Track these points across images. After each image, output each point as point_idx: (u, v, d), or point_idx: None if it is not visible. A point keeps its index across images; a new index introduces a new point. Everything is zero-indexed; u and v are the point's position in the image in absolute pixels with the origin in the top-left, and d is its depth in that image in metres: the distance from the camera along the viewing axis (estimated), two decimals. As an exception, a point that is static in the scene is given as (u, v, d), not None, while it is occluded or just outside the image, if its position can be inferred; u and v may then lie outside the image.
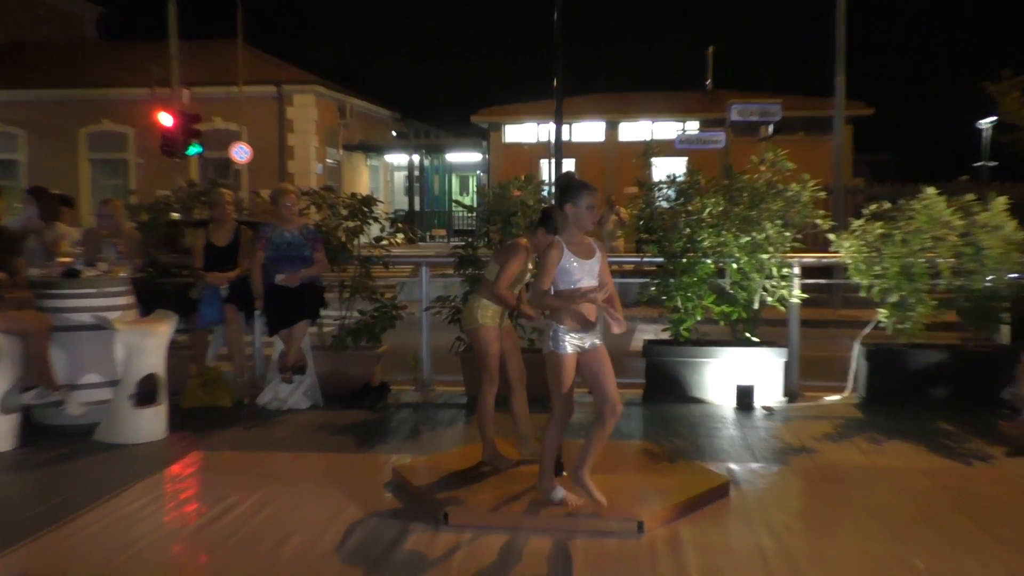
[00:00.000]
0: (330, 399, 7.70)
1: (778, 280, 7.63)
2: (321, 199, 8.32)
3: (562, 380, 4.55)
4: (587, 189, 4.51)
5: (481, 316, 5.47)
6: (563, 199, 4.53)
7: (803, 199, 7.54)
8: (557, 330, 4.53)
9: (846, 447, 6.32)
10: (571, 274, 4.48)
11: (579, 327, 4.54)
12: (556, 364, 4.54)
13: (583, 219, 4.50)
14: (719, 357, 7.72)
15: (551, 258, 4.48)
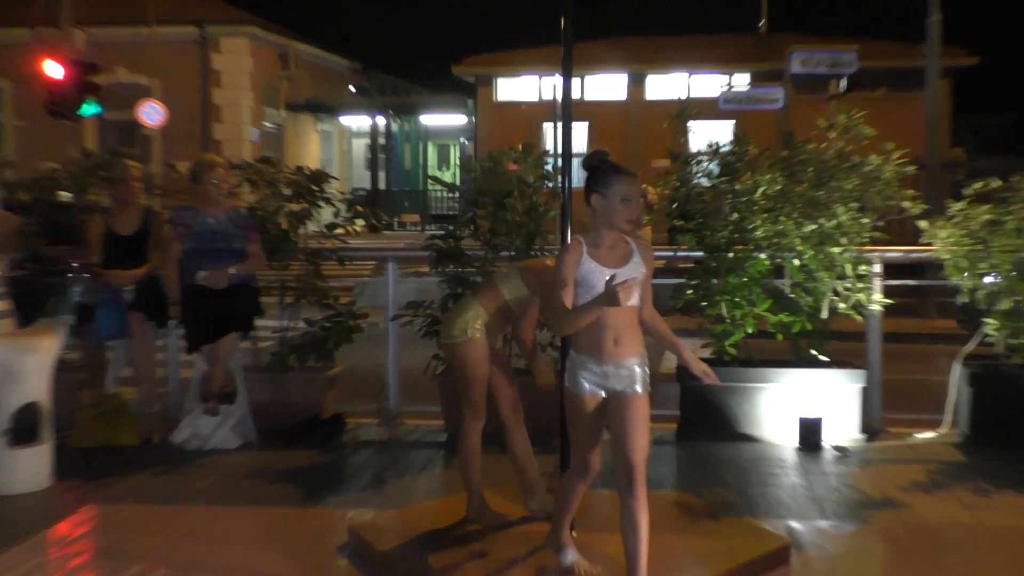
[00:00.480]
0: (267, 436, 7.69)
1: (853, 281, 7.64)
2: (257, 174, 8.32)
3: (577, 426, 4.48)
4: (620, 175, 4.37)
5: (470, 329, 5.48)
6: (589, 188, 4.41)
7: (886, 175, 7.56)
8: (574, 362, 4.44)
9: (943, 500, 6.31)
10: (593, 286, 4.30)
11: (599, 358, 4.37)
12: (570, 405, 4.49)
13: (614, 215, 4.34)
14: (776, 381, 7.72)
15: (566, 263, 4.31)
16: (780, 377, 7.73)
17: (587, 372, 4.39)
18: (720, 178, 7.97)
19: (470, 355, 5.49)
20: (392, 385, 8.38)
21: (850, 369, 7.77)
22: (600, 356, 4.36)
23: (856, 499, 6.33)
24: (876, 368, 8.01)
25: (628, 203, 4.34)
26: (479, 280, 8.00)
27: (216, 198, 7.53)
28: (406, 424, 8.32)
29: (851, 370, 7.75)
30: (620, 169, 4.39)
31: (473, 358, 5.49)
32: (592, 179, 4.41)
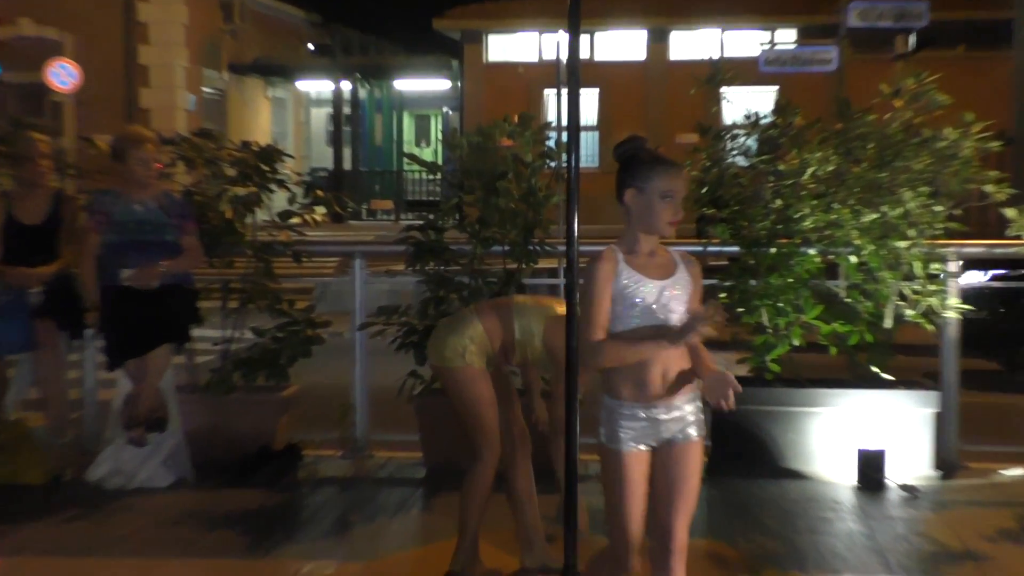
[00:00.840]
0: (206, 471, 7.68)
1: (924, 282, 7.65)
2: (194, 151, 8.31)
3: (617, 494, 4.26)
4: (662, 166, 4.29)
5: (468, 353, 5.52)
6: (622, 182, 4.33)
7: (963, 153, 7.57)
8: (611, 409, 4.28)
9: (1037, 551, 6.31)
10: (634, 302, 4.23)
11: (645, 401, 4.26)
12: (607, 466, 4.30)
13: (654, 216, 4.25)
14: (829, 405, 7.72)
15: (598, 276, 4.19)
16: (834, 400, 7.73)
17: (630, 421, 4.24)
18: (760, 157, 7.98)
19: (467, 380, 5.53)
20: (359, 409, 8.37)
21: (920, 390, 7.77)
22: (647, 398, 4.24)
23: (929, 550, 6.32)
24: (952, 389, 8.00)
25: (671, 200, 4.25)
26: (466, 281, 8.00)
27: (143, 180, 7.52)
28: (376, 456, 8.31)
29: (921, 391, 7.75)
30: (661, 159, 4.32)
31: (472, 382, 5.54)
32: (626, 171, 4.33)
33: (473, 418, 5.57)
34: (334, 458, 8.25)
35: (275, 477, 7.63)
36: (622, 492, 4.26)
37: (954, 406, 7.98)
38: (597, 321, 4.18)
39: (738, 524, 6.73)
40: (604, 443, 4.27)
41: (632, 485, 4.25)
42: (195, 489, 7.48)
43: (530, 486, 5.80)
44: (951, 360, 8.03)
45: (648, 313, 4.22)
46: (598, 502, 6.88)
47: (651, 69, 31.97)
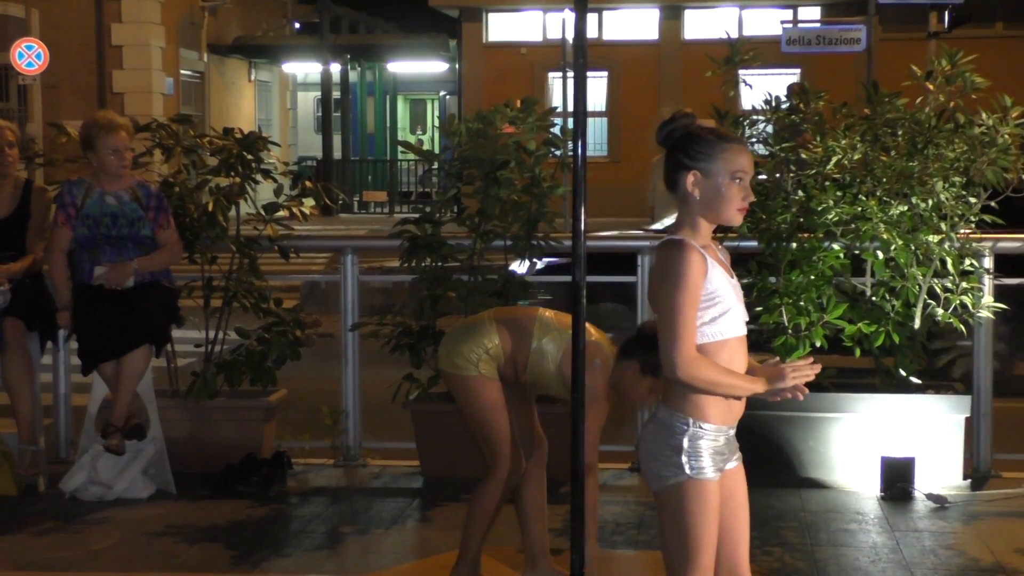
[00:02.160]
0: (188, 482, 7.72)
1: (956, 279, 7.69)
2: (172, 138, 8.34)
3: (700, 530, 4.03)
4: (728, 142, 4.06)
5: (482, 362, 5.55)
6: (677, 166, 4.07)
7: (1001, 140, 7.59)
8: (696, 435, 4.02)
9: (1074, 566, 6.36)
10: (726, 306, 4.02)
11: (730, 423, 4.12)
12: (690, 501, 4.02)
13: (725, 202, 4.01)
14: (853, 411, 7.77)
15: (692, 273, 3.91)
16: (858, 405, 7.77)
17: (715, 446, 4.05)
18: (781, 144, 8.01)
19: (479, 389, 5.58)
20: (351, 415, 8.40)
21: (951, 395, 7.81)
22: (732, 419, 4.10)
23: (959, 564, 6.38)
24: (986, 394, 8.03)
25: (741, 182, 4.02)
26: (464, 279, 8.04)
27: (116, 170, 7.54)
28: (369, 465, 8.35)
29: (952, 396, 7.79)
30: (725, 134, 4.10)
31: (484, 391, 5.58)
32: (683, 152, 4.06)
33: (483, 428, 5.61)
34: (325, 467, 8.29)
35: (262, 487, 7.65)
36: (707, 528, 4.02)
37: (987, 412, 8.01)
38: (692, 329, 3.92)
39: (756, 537, 6.75)
40: (691, 475, 3.98)
41: (714, 514, 4.05)
42: (177, 500, 7.52)
43: (541, 497, 5.84)
44: (984, 362, 8.06)
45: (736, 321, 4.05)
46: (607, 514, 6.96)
47: (664, 50, 31.95)
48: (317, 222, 21.14)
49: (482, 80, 31.80)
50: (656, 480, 4.03)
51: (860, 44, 20.01)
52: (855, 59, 21.84)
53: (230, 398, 8.16)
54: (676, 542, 4.03)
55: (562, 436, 5.50)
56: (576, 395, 5.22)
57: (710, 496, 4.01)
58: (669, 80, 31.09)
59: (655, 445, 4.03)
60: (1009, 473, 8.01)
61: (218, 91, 31.82)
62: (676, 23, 32.13)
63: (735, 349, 4.03)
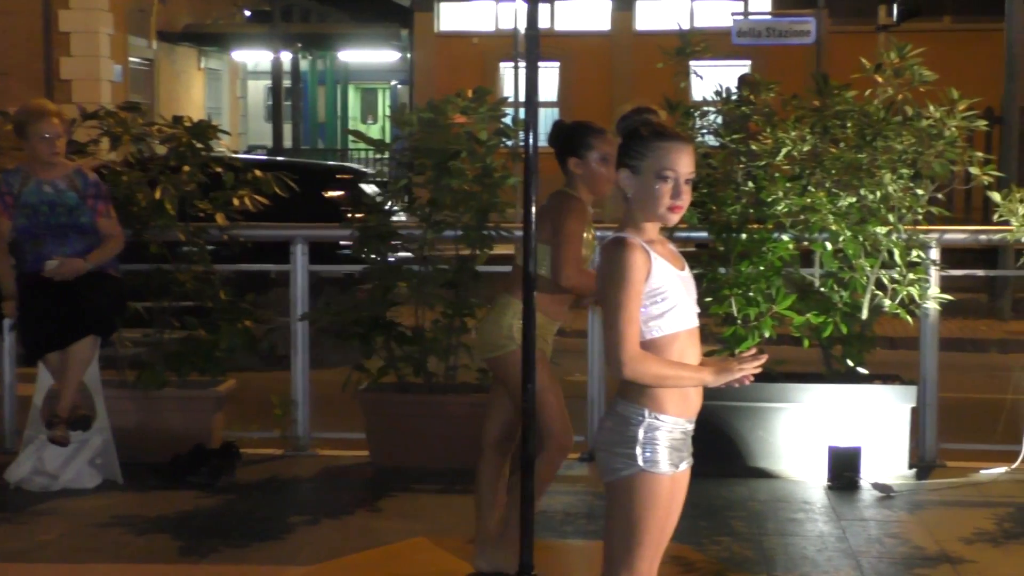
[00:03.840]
0: (136, 472, 7.69)
1: (903, 270, 7.75)
2: (121, 126, 8.29)
3: (648, 525, 4.03)
4: (661, 140, 4.06)
5: (518, 332, 5.53)
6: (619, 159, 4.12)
7: (948, 133, 7.65)
8: (652, 426, 4.02)
9: (1018, 555, 6.43)
10: (672, 301, 4.03)
11: (689, 415, 4.10)
12: (641, 494, 4.02)
13: (652, 200, 4.02)
14: (801, 400, 7.84)
15: (634, 269, 3.95)
16: (806, 395, 7.83)
17: (671, 439, 4.04)
18: (731, 136, 8.05)
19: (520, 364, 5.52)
20: (301, 405, 8.39)
21: (898, 385, 7.87)
22: (690, 411, 4.09)
23: (904, 553, 6.45)
24: (931, 384, 8.11)
25: (671, 181, 4.00)
26: (416, 269, 8.04)
27: (47, 157, 7.47)
28: (319, 455, 8.34)
29: (899, 386, 7.86)
30: (662, 132, 4.09)
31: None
32: (622, 148, 4.11)
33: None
34: (274, 457, 8.27)
35: (210, 478, 7.63)
36: (652, 523, 4.02)
37: (933, 402, 8.09)
38: (635, 327, 3.94)
39: (704, 526, 6.81)
40: (644, 468, 3.97)
41: (671, 516, 4.10)
42: (124, 491, 7.48)
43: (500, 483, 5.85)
44: (931, 353, 8.12)
45: (685, 314, 4.06)
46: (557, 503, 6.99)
47: (616, 41, 31.97)
48: (267, 211, 21.03)
49: (434, 70, 31.73)
50: (608, 472, 4.03)
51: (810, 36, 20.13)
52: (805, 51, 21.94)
53: (178, 388, 8.13)
54: (620, 534, 4.04)
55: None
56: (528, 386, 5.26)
57: (661, 490, 4.00)
58: (621, 71, 31.11)
59: (611, 436, 4.02)
60: (954, 462, 8.08)
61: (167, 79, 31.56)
62: (628, 14, 32.16)
63: (686, 342, 4.05)
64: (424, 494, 7.46)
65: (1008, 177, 7.73)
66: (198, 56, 33.38)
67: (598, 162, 5.58)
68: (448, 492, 7.49)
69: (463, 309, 8.03)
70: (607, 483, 4.07)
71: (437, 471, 7.73)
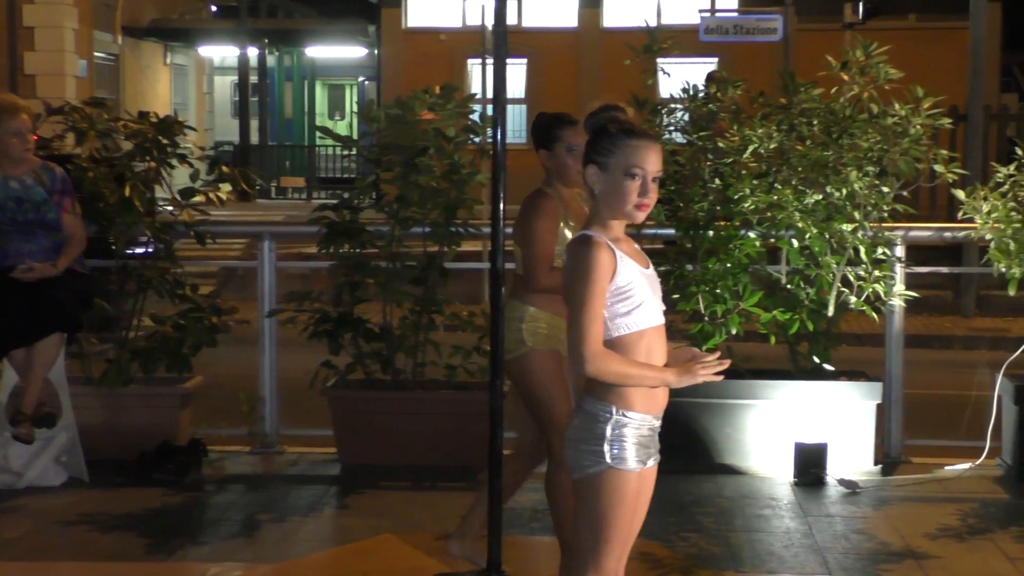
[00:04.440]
0: (102, 469, 7.67)
1: (869, 267, 7.79)
2: (86, 121, 8.26)
3: (615, 521, 4.06)
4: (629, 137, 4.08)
5: (528, 334, 5.55)
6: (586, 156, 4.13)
7: (913, 131, 7.69)
8: (619, 423, 4.04)
9: (981, 550, 6.48)
10: (638, 300, 4.06)
11: (656, 411, 4.13)
12: (608, 492, 4.04)
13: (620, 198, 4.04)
14: (768, 397, 7.88)
15: (599, 269, 3.98)
16: (773, 392, 7.88)
17: (639, 435, 4.06)
18: (698, 132, 8.06)
19: (532, 365, 5.56)
20: (268, 402, 8.38)
21: (863, 382, 7.93)
22: (657, 407, 4.12)
23: (869, 548, 6.49)
24: (897, 381, 8.17)
25: (638, 178, 4.03)
26: (383, 265, 8.04)
27: (19, 154, 7.42)
28: (286, 452, 8.33)
29: (864, 383, 7.91)
30: (630, 129, 4.11)
31: (540, 369, 5.56)
32: (590, 145, 4.14)
33: (539, 405, 5.56)
34: (241, 454, 8.26)
35: (177, 475, 7.62)
36: (620, 520, 4.06)
37: (898, 399, 8.15)
38: (599, 325, 3.96)
39: (672, 522, 6.83)
40: (611, 464, 4.00)
41: (638, 513, 4.12)
42: (90, 488, 7.46)
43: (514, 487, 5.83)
44: (896, 350, 8.18)
45: (651, 312, 4.09)
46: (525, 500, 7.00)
47: (583, 37, 31.98)
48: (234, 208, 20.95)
49: (401, 66, 31.66)
50: (577, 469, 4.06)
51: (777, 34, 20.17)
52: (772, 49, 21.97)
53: (145, 385, 8.11)
54: (587, 530, 4.07)
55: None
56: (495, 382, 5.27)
57: (628, 487, 4.03)
58: (589, 68, 31.13)
59: (579, 433, 4.05)
60: (919, 458, 8.15)
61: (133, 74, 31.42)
62: (595, 11, 32.17)
63: (653, 339, 4.08)
64: (392, 491, 7.46)
65: (972, 175, 7.76)
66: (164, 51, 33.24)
67: (565, 153, 5.58)
68: (416, 489, 7.50)
69: (431, 306, 8.04)
70: (575, 481, 4.10)
71: (405, 468, 7.73)
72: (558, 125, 5.66)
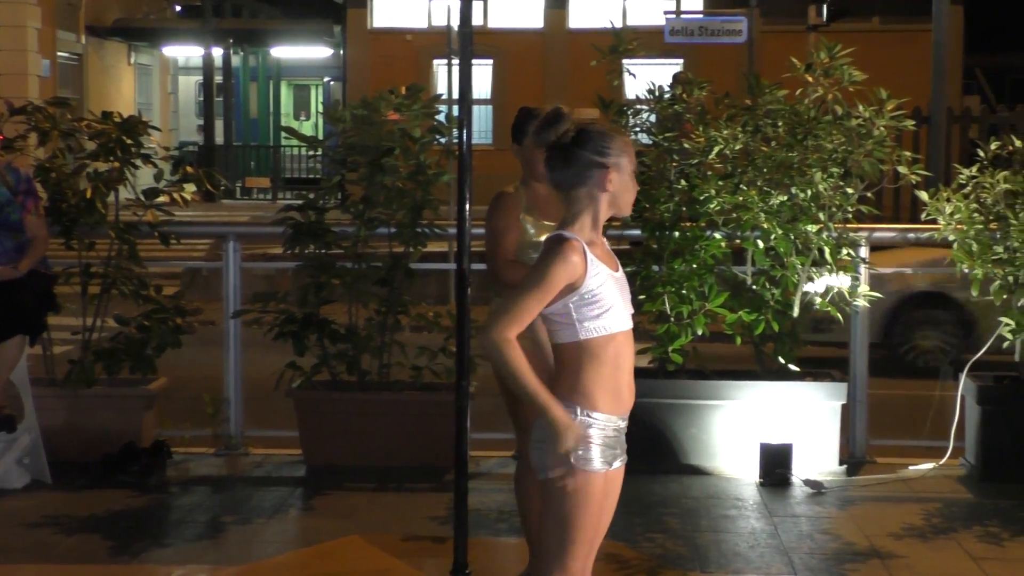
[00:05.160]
0: (65, 471, 7.63)
1: (833, 268, 7.82)
2: (49, 121, 8.22)
3: (580, 523, 4.05)
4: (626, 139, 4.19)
5: None
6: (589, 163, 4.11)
7: (877, 132, 7.72)
8: (584, 424, 4.03)
9: (945, 550, 6.52)
10: (607, 305, 4.05)
11: (621, 412, 4.14)
12: (574, 493, 4.02)
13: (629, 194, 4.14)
14: (733, 398, 7.89)
15: (559, 272, 3.97)
16: (738, 392, 7.89)
17: (604, 436, 4.06)
18: (664, 134, 8.07)
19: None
20: (233, 403, 8.35)
21: (828, 382, 7.95)
22: (619, 408, 4.11)
23: (834, 548, 6.52)
24: (861, 381, 8.20)
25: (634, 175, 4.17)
26: (349, 266, 8.03)
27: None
28: (251, 454, 8.31)
29: (829, 383, 7.93)
30: (618, 130, 4.31)
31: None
32: (593, 150, 4.11)
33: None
34: (206, 456, 8.23)
35: (141, 477, 7.58)
36: (586, 521, 4.05)
37: (863, 399, 8.18)
38: (524, 319, 3.96)
39: (638, 523, 6.85)
40: (577, 466, 3.99)
41: (604, 514, 4.13)
42: (53, 490, 7.41)
43: None
44: (861, 350, 8.21)
45: (620, 316, 4.09)
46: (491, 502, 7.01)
47: (549, 38, 32.04)
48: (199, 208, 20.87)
49: (367, 66, 31.64)
50: (543, 470, 4.05)
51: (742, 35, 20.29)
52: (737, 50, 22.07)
53: (109, 386, 8.07)
54: (553, 532, 4.07)
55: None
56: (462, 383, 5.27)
57: (593, 489, 4.03)
58: (555, 68, 31.17)
59: (544, 434, 4.01)
60: (883, 458, 8.19)
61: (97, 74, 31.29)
62: (561, 12, 32.22)
63: (622, 344, 4.08)
64: (357, 492, 7.45)
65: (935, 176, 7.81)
66: (128, 51, 33.13)
67: (532, 147, 5.57)
68: (381, 490, 7.49)
69: (396, 307, 8.03)
70: (541, 480, 4.09)
71: (370, 469, 7.72)
72: (527, 119, 5.65)
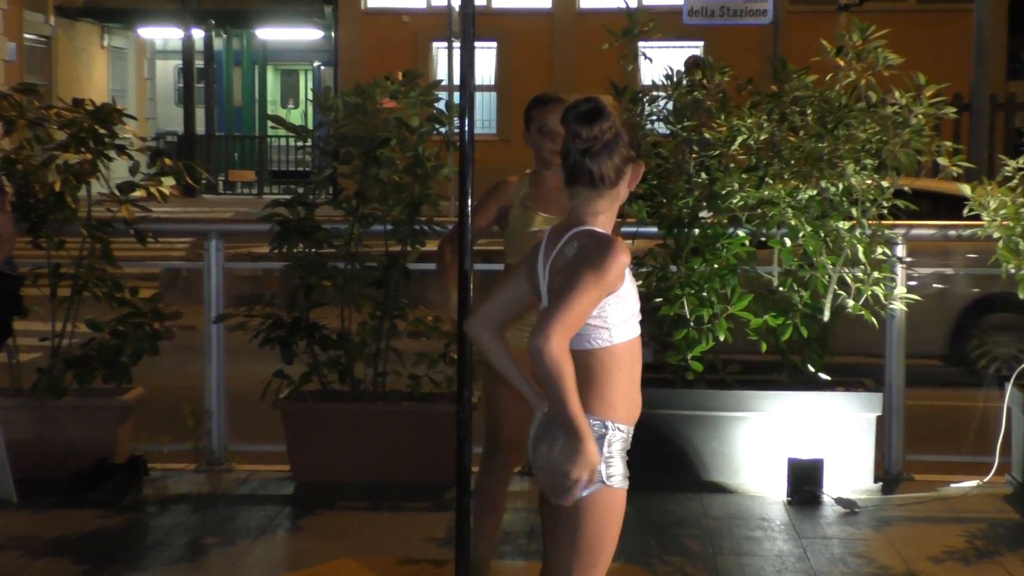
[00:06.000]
0: (32, 489, 7.64)
1: (867, 269, 7.81)
2: (15, 109, 8.23)
3: (606, 542, 4.05)
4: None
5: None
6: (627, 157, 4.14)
7: (915, 121, 7.72)
8: (612, 438, 4.02)
9: (989, 574, 6.49)
10: (631, 304, 4.07)
11: (633, 423, 4.15)
12: (606, 513, 4.02)
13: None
14: (759, 409, 7.87)
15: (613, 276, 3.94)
16: (764, 403, 7.87)
17: (625, 449, 4.07)
18: (681, 123, 8.07)
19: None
20: (215, 415, 8.36)
21: (861, 392, 7.93)
22: (633, 417, 4.13)
23: (869, 573, 6.50)
24: (898, 392, 8.19)
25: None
26: (341, 266, 8.03)
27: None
28: (235, 470, 8.31)
29: (863, 393, 7.91)
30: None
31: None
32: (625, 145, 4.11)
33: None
34: (186, 472, 8.23)
35: (116, 495, 7.58)
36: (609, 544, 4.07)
37: (899, 410, 8.17)
38: (578, 325, 3.90)
39: (654, 545, 6.84)
40: (605, 484, 3.97)
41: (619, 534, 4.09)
42: (19, 510, 7.41)
43: None
44: (897, 358, 8.20)
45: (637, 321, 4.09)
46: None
47: (558, 19, 32.04)
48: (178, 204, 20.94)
49: (360, 50, 31.67)
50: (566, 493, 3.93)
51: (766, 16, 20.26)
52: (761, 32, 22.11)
53: (80, 397, 8.07)
54: (578, 558, 4.00)
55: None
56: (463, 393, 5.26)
57: (620, 506, 4.01)
58: (563, 52, 31.17)
59: (566, 453, 3.89)
60: (921, 475, 8.16)
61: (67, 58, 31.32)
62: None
63: (637, 348, 4.09)
64: (350, 511, 7.45)
65: (978, 168, 7.79)
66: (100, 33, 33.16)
67: (537, 133, 5.68)
68: (376, 509, 7.48)
69: (393, 310, 8.02)
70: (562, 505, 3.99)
71: (364, 486, 7.73)
72: (533, 105, 5.76)
